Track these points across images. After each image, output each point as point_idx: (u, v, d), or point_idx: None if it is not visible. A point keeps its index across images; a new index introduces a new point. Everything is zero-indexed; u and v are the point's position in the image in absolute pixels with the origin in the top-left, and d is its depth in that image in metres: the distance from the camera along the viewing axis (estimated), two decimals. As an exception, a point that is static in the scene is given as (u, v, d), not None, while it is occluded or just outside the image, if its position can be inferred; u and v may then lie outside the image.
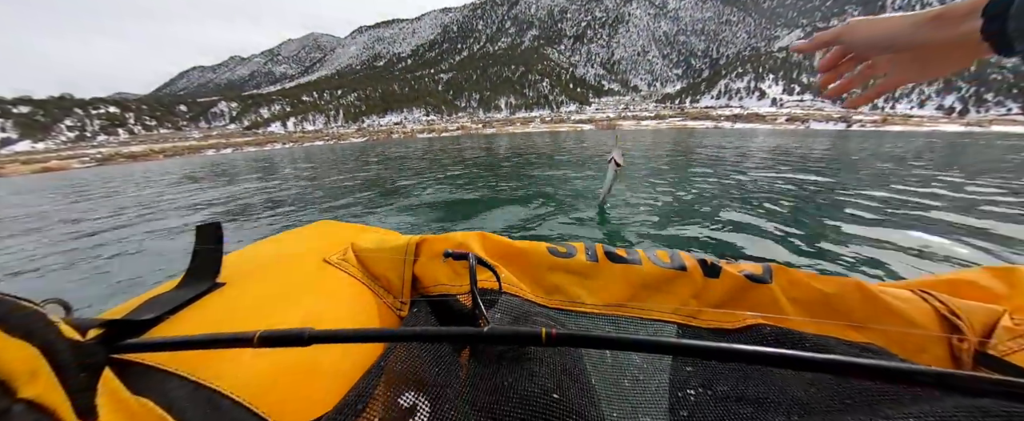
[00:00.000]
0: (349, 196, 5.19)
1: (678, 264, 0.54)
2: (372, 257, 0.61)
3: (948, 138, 21.50)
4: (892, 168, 6.40)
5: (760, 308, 0.50)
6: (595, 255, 0.57)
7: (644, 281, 0.54)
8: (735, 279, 0.51)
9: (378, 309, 0.55)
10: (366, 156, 13.80)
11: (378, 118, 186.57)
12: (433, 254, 0.60)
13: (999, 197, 3.82)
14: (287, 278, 0.54)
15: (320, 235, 0.75)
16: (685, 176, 5.61)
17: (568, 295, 0.55)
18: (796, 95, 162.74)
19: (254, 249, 0.67)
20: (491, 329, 0.31)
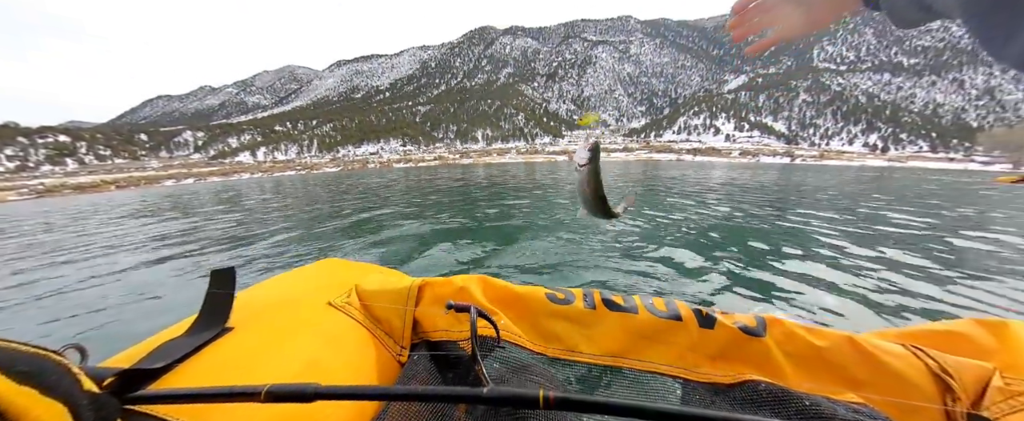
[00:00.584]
0: (321, 225, 4.83)
1: (674, 313, 0.54)
2: (375, 300, 0.61)
3: (875, 171, 25.82)
4: (832, 195, 7.57)
5: (755, 362, 0.49)
6: (593, 302, 0.57)
7: (641, 330, 0.54)
8: (730, 331, 0.51)
9: (378, 355, 0.55)
10: (339, 185, 13.75)
11: (354, 148, 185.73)
12: (434, 298, 0.60)
13: (913, 220, 4.53)
14: (293, 323, 0.54)
15: (326, 274, 0.76)
16: (657, 202, 6.21)
17: (566, 343, 0.55)
18: (746, 132, 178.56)
19: (263, 289, 0.67)
20: (490, 391, 0.31)
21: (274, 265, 3.27)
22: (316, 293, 0.64)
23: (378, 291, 0.63)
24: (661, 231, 3.82)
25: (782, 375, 0.48)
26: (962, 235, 3.74)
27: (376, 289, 0.63)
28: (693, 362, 0.51)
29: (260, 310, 0.57)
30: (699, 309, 0.54)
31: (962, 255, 2.90)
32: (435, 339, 0.58)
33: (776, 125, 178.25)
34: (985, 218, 4.82)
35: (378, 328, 0.59)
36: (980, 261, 2.76)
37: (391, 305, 0.60)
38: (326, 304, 0.60)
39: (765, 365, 0.49)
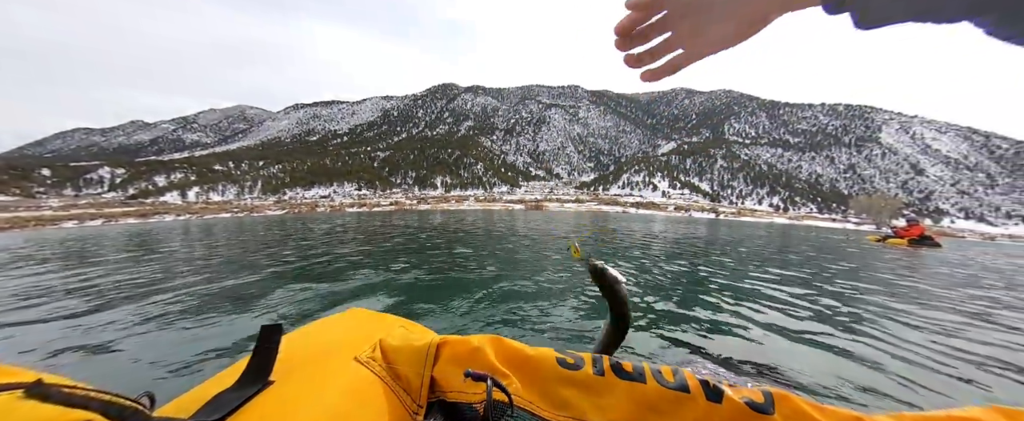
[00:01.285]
0: (253, 275, 4.20)
1: (681, 384, 0.55)
2: (396, 356, 0.66)
3: (781, 227, 30.17)
4: (760, 245, 8.94)
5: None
6: (602, 368, 0.58)
7: (649, 402, 0.54)
8: (737, 407, 0.50)
9: (398, 412, 0.60)
10: (281, 229, 13.01)
11: (302, 190, 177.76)
12: (452, 357, 0.64)
13: (800, 270, 5.21)
14: (324, 378, 0.61)
15: (354, 326, 0.84)
16: (608, 248, 6.81)
17: (575, 411, 0.56)
18: (678, 189, 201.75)
19: (299, 341, 0.75)
20: None
21: (196, 338, 2.34)
22: (344, 347, 0.71)
23: (399, 347, 0.68)
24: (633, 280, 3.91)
25: None
26: (840, 281, 4.43)
27: (398, 345, 0.68)
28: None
29: (296, 365, 0.63)
30: (706, 380, 0.54)
31: (840, 296, 3.56)
32: (451, 400, 0.61)
33: (702, 185, 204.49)
34: (863, 266, 5.96)
35: (398, 385, 0.63)
36: (849, 301, 3.40)
37: (410, 364, 0.64)
38: (353, 359, 0.66)
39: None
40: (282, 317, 2.66)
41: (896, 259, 7.80)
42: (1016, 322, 2.71)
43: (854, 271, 5.34)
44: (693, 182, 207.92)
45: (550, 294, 3.13)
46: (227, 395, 0.51)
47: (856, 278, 4.70)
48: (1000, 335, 2.41)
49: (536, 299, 3.03)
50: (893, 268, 6.06)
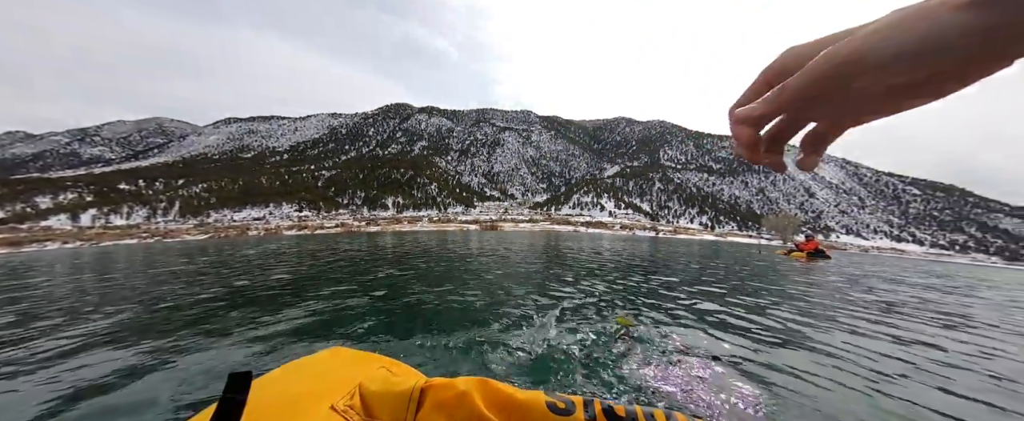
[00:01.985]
0: (151, 315, 3.39)
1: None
2: (377, 403, 0.61)
3: (709, 243, 35.27)
4: (686, 260, 10.30)
5: None
6: (593, 413, 0.56)
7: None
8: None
9: None
10: (201, 257, 11.19)
11: (231, 212, 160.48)
12: (435, 404, 0.59)
13: (740, 283, 5.98)
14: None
15: (333, 368, 0.78)
16: (563, 262, 7.61)
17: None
18: (623, 209, 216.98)
19: (268, 385, 0.70)
20: None
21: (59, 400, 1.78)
22: (321, 394, 0.65)
23: (379, 392, 0.63)
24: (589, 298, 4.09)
25: None
26: (753, 287, 5.48)
27: (378, 390, 0.64)
28: None
29: (267, 414, 0.59)
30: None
31: (754, 300, 4.36)
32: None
33: (643, 205, 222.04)
34: (771, 276, 7.19)
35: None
36: (762, 302, 4.21)
37: (391, 412, 0.59)
38: (329, 409, 0.61)
39: None
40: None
41: (797, 268, 9.86)
42: (886, 316, 3.68)
43: (766, 279, 6.59)
44: (635, 203, 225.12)
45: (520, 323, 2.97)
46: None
47: (768, 285, 5.76)
48: (871, 325, 3.25)
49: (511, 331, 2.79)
50: (794, 276, 7.67)
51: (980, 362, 2.39)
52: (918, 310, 4.26)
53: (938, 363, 2.30)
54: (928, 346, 2.71)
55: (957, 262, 40.19)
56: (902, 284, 7.40)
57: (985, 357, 2.51)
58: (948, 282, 8.77)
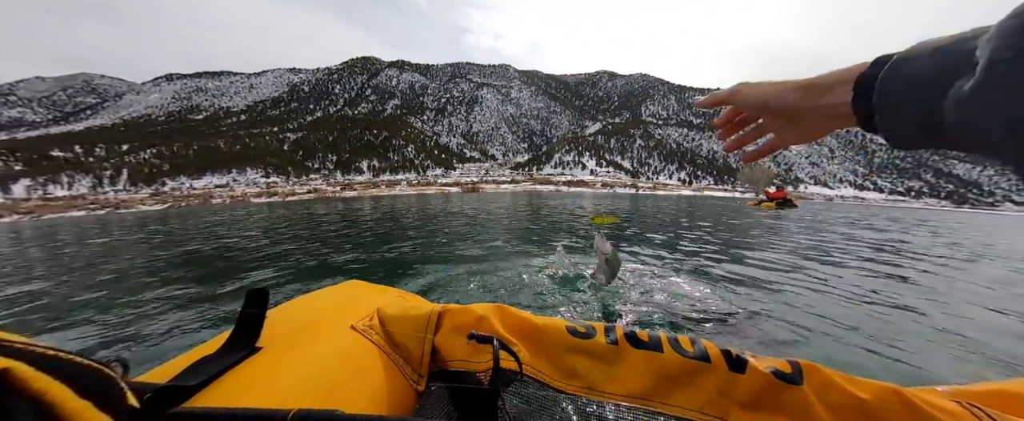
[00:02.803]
0: (120, 289, 3.21)
1: (701, 354, 0.51)
2: (395, 325, 0.63)
3: (686, 198, 39.53)
4: (667, 214, 11.33)
5: (791, 412, 0.46)
6: (615, 338, 0.55)
7: (666, 371, 0.51)
8: (763, 376, 0.48)
9: (397, 382, 0.57)
10: (161, 229, 9.79)
11: (189, 180, 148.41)
12: (454, 327, 0.60)
13: (708, 230, 7.10)
14: (317, 346, 0.57)
15: (350, 298, 0.79)
16: (540, 219, 8.22)
17: (587, 380, 0.53)
18: (604, 167, 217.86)
19: (290, 310, 0.71)
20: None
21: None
22: (339, 316, 0.66)
23: (398, 316, 0.64)
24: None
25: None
26: (730, 234, 6.66)
27: (396, 314, 0.65)
28: (724, 409, 0.48)
29: (288, 332, 0.60)
30: (728, 350, 0.51)
31: (730, 244, 5.35)
32: (453, 369, 0.58)
33: (624, 163, 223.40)
34: (744, 225, 8.42)
35: (397, 354, 0.61)
36: (740, 247, 5.04)
37: (410, 332, 0.61)
38: (349, 327, 0.62)
39: (803, 417, 0.45)
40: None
41: (765, 216, 11.00)
42: (832, 255, 4.60)
43: (736, 226, 7.71)
44: (616, 161, 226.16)
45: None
46: (209, 361, 0.49)
47: (738, 230, 6.78)
48: (818, 264, 4.06)
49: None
50: (762, 222, 9.03)
51: (881, 281, 3.29)
52: (852, 246, 5.50)
53: (855, 284, 3.14)
54: (854, 269, 3.77)
55: (912, 207, 45.68)
56: (854, 227, 8.47)
57: (885, 276, 3.46)
58: (892, 225, 10.21)
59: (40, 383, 0.20)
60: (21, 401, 0.19)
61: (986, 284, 3.31)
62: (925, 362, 1.66)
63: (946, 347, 1.85)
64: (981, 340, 1.94)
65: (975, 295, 2.91)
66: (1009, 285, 3.30)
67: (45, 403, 0.20)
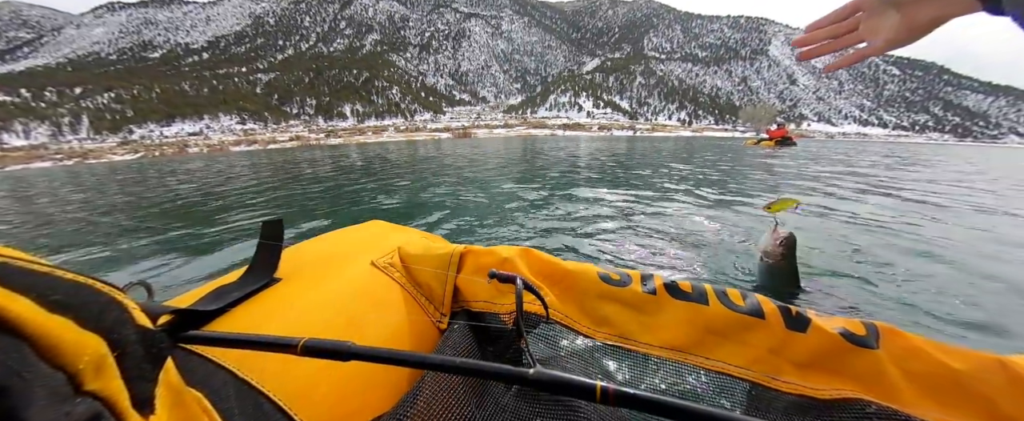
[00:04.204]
0: (126, 243, 2.88)
1: (754, 308, 0.47)
2: (417, 263, 0.61)
3: (685, 139, 39.23)
4: (663, 155, 11.05)
5: (861, 379, 0.41)
6: (653, 287, 0.51)
7: (710, 324, 0.47)
8: (828, 336, 0.43)
9: (418, 318, 0.55)
10: (142, 180, 8.76)
11: (159, 127, 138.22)
12: (476, 268, 0.58)
13: (710, 166, 7.49)
14: (336, 280, 0.56)
15: (371, 236, 0.78)
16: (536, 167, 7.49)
17: (619, 329, 0.50)
18: (601, 109, 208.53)
19: (310, 246, 0.70)
20: (538, 373, 0.29)
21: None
22: (360, 253, 0.65)
23: (420, 255, 0.63)
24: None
25: (896, 397, 0.39)
26: (731, 170, 6.97)
27: (418, 253, 0.64)
28: (774, 367, 0.43)
29: (307, 265, 0.59)
30: (787, 307, 0.46)
31: (729, 179, 5.56)
32: (476, 310, 0.56)
33: (622, 103, 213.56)
34: (739, 162, 8.59)
35: (419, 292, 0.60)
36: (741, 183, 5.22)
37: (432, 270, 0.60)
38: (370, 264, 0.61)
39: (874, 383, 0.40)
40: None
41: (762, 154, 11.20)
42: (816, 188, 4.88)
43: (732, 166, 7.72)
44: (615, 101, 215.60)
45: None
46: (230, 288, 0.49)
47: (733, 170, 7.04)
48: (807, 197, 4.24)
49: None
50: (757, 160, 9.30)
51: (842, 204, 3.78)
52: (839, 177, 6.01)
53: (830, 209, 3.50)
54: (825, 196, 4.24)
55: (914, 141, 45.83)
56: (846, 165, 8.31)
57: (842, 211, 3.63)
58: (885, 159, 10.35)
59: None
60: None
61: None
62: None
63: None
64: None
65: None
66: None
67: (1, 318, 0.17)
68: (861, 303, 1.54)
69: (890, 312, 1.50)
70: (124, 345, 0.23)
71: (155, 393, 0.24)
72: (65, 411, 0.17)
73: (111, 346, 0.21)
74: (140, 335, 0.24)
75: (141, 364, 0.24)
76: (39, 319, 0.18)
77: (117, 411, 0.20)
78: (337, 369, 0.37)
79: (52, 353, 0.18)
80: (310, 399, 0.38)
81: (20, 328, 0.18)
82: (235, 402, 0.34)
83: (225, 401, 0.33)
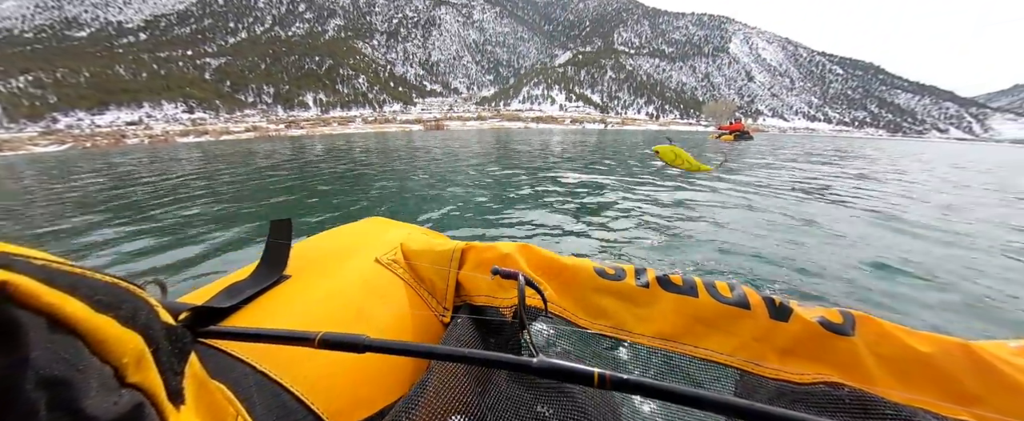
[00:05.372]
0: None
1: (740, 300, 0.49)
2: (420, 260, 0.63)
3: (652, 132, 49.10)
4: (629, 147, 11.94)
5: (836, 363, 0.43)
6: (646, 281, 0.53)
7: (700, 315, 0.49)
8: (808, 325, 0.45)
9: (422, 313, 0.57)
10: (64, 177, 7.54)
11: (89, 115, 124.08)
12: (478, 263, 0.60)
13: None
14: (343, 276, 0.58)
15: (373, 232, 0.80)
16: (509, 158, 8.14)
17: (614, 320, 0.52)
18: (573, 102, 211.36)
19: (315, 243, 0.73)
20: (541, 362, 0.30)
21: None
22: (364, 249, 0.66)
23: (422, 251, 0.64)
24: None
25: (870, 380, 0.41)
26: (699, 156, 8.89)
27: (420, 249, 0.65)
28: (758, 354, 0.46)
29: (314, 261, 0.61)
30: (771, 298, 0.49)
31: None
32: (478, 304, 0.58)
33: (594, 97, 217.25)
34: (705, 151, 9.71)
35: (422, 288, 0.61)
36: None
37: (434, 266, 0.61)
38: (374, 260, 0.63)
39: (850, 367, 0.42)
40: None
41: (725, 147, 13.33)
42: (768, 176, 5.75)
43: (699, 153, 8.55)
44: (586, 94, 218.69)
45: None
46: (242, 285, 0.50)
47: (700, 156, 9.54)
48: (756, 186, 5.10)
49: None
50: (719, 151, 11.36)
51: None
52: (784, 168, 6.82)
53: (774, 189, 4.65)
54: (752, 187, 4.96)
55: (853, 136, 56.45)
56: (788, 159, 9.63)
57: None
58: (827, 152, 12.32)
59: (50, 296, 0.18)
60: (32, 315, 0.18)
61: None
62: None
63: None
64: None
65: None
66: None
67: (59, 317, 0.18)
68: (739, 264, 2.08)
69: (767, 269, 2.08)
70: (157, 341, 0.24)
71: (183, 385, 0.26)
72: (113, 400, 0.19)
73: (147, 342, 0.23)
74: (166, 331, 0.26)
75: (170, 358, 0.25)
76: (89, 318, 0.20)
77: (156, 401, 0.22)
78: (349, 361, 0.39)
79: (102, 348, 0.20)
80: (326, 390, 0.39)
81: (75, 326, 0.19)
82: (256, 393, 0.35)
83: (246, 392, 0.34)
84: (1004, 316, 1.63)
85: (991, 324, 1.59)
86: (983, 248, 2.49)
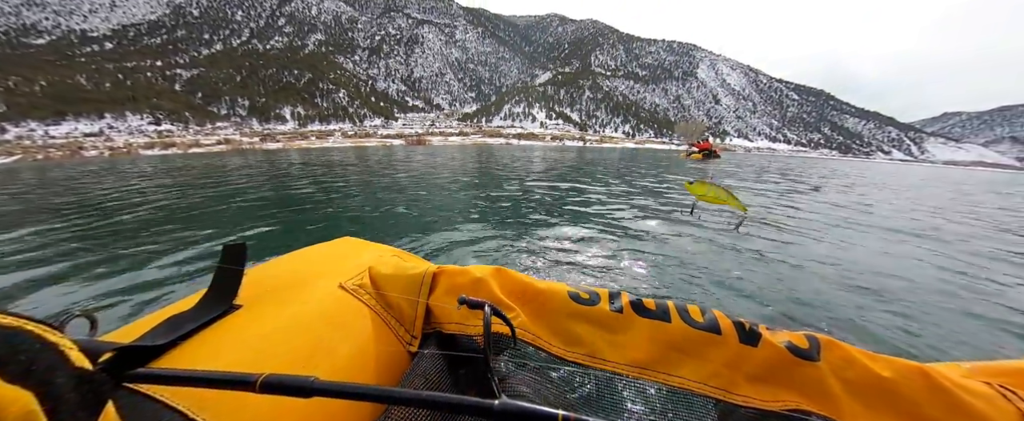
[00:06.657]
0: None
1: (711, 325, 0.50)
2: (388, 285, 0.60)
3: (630, 150, 47.12)
4: (609, 165, 12.76)
5: (804, 389, 0.44)
6: (620, 306, 0.53)
7: (673, 341, 0.49)
8: (776, 351, 0.46)
9: (388, 343, 0.54)
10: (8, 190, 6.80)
11: (43, 126, 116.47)
12: (449, 288, 0.58)
13: (651, 175, 9.13)
14: (302, 304, 0.53)
15: (341, 254, 0.75)
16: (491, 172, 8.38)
17: (588, 348, 0.51)
18: (553, 120, 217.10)
19: (275, 266, 0.67)
20: (503, 404, 0.29)
21: None
22: (328, 274, 0.62)
23: (391, 276, 0.61)
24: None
25: (836, 407, 0.42)
26: (667, 177, 8.76)
27: (389, 274, 0.62)
28: (730, 382, 0.46)
29: (270, 289, 0.56)
30: (741, 322, 0.50)
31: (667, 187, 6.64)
32: (448, 331, 0.56)
33: (573, 115, 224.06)
34: (673, 170, 10.57)
35: (389, 315, 0.58)
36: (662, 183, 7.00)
37: (403, 293, 0.58)
38: (338, 286, 0.59)
39: (817, 394, 0.43)
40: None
41: (692, 165, 14.42)
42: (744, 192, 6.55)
43: (668, 170, 10.07)
44: (566, 112, 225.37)
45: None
46: (184, 317, 0.45)
47: (669, 173, 9.10)
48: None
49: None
50: (687, 169, 12.24)
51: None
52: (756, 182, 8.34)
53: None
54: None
55: (809, 156, 61.44)
56: (756, 172, 11.28)
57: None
58: (778, 168, 13.58)
59: None
60: None
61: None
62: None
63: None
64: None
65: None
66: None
67: None
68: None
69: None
70: (57, 395, 0.21)
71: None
72: None
73: (42, 398, 0.19)
74: (76, 380, 0.22)
75: (76, 413, 0.22)
76: None
77: None
78: (299, 406, 0.35)
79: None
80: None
81: None
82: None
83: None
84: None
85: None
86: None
